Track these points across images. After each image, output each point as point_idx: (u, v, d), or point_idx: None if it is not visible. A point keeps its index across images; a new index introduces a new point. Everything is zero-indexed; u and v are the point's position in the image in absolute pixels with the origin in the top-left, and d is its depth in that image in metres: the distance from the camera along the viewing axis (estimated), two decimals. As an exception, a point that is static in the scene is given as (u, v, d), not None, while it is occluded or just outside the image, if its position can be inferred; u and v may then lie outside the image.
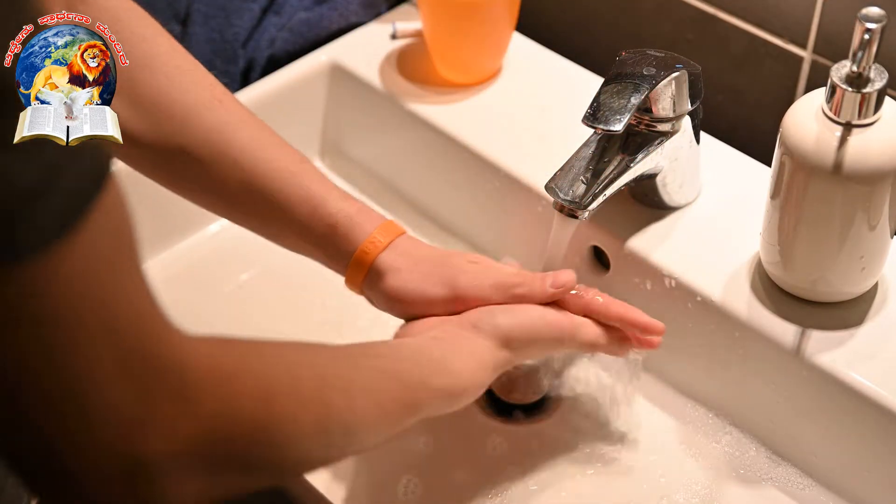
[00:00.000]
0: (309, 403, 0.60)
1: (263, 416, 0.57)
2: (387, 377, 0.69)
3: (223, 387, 0.55)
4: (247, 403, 0.56)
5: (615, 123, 0.81)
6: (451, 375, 0.74)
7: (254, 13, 1.12)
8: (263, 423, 0.57)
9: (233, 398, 0.55)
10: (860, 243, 0.81)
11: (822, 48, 0.95)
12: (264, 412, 0.57)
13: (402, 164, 1.09)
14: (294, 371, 0.61)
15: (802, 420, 0.85)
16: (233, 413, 0.55)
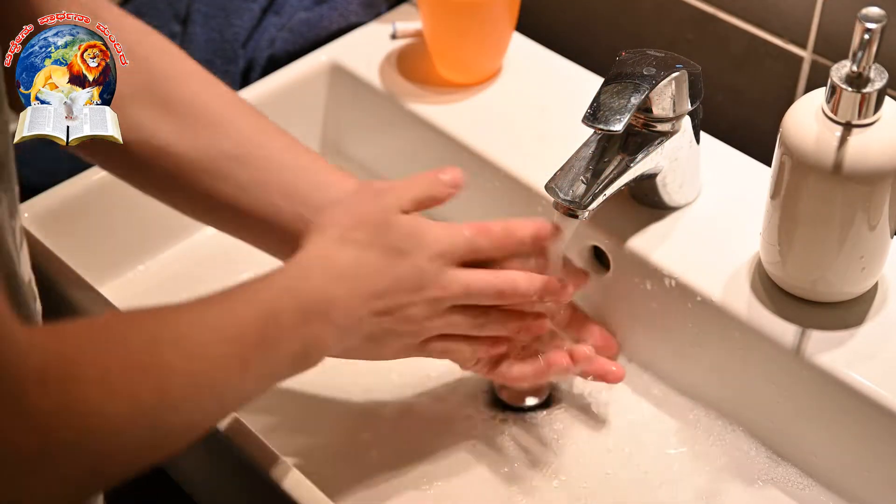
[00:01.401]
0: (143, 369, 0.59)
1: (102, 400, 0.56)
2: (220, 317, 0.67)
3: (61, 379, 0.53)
4: (85, 391, 0.55)
5: (615, 123, 0.81)
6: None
7: (254, 13, 1.12)
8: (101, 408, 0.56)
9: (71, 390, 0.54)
10: (860, 243, 0.81)
11: (822, 48, 0.95)
12: (101, 395, 0.56)
13: (402, 164, 1.09)
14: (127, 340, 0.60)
15: (802, 420, 0.85)
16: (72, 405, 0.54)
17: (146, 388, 0.59)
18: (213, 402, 0.66)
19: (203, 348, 0.64)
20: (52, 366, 0.53)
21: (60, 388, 0.53)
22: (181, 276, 1.03)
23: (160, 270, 1.04)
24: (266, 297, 0.71)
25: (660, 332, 0.92)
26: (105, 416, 0.56)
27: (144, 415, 0.59)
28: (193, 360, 0.63)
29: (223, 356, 0.65)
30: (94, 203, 1.00)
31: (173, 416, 0.62)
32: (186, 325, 0.65)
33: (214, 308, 0.68)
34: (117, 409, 0.57)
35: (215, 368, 0.65)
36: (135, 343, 0.60)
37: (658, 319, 0.91)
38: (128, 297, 0.98)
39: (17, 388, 0.51)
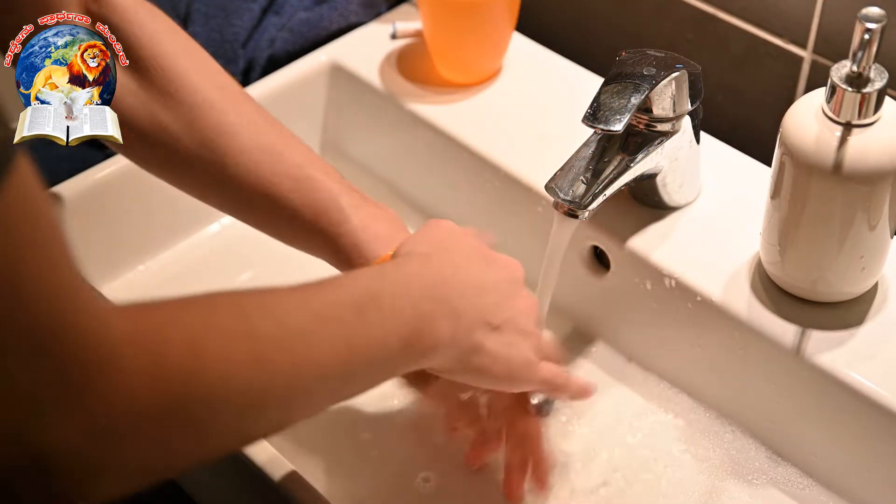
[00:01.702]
0: (236, 336, 0.58)
1: (191, 362, 0.54)
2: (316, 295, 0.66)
3: (148, 342, 0.53)
4: (174, 353, 0.54)
5: (615, 123, 0.81)
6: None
7: (254, 13, 1.12)
8: (192, 373, 0.54)
9: (159, 352, 0.53)
10: (860, 243, 0.81)
11: (822, 48, 0.95)
12: (192, 358, 0.54)
13: (402, 164, 1.09)
14: (218, 311, 0.59)
15: (802, 420, 0.85)
16: (161, 367, 0.53)
17: (239, 352, 0.57)
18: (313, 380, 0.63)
19: (299, 324, 0.62)
20: (140, 332, 0.53)
21: (149, 353, 0.52)
22: (181, 276, 1.03)
23: (160, 270, 1.04)
24: (364, 283, 0.68)
25: (660, 332, 0.92)
26: (197, 378, 0.55)
27: (240, 381, 0.57)
28: (290, 334, 0.61)
29: (321, 334, 0.63)
30: (93, 203, 1.00)
31: (272, 387, 0.59)
32: (279, 301, 0.63)
33: (309, 289, 0.65)
34: (209, 372, 0.55)
35: (313, 345, 0.62)
36: (224, 312, 0.59)
37: (658, 319, 0.91)
38: (128, 297, 0.98)
39: (105, 356, 0.50)
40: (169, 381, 0.53)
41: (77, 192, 0.99)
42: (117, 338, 0.51)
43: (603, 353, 0.95)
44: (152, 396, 0.52)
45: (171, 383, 0.53)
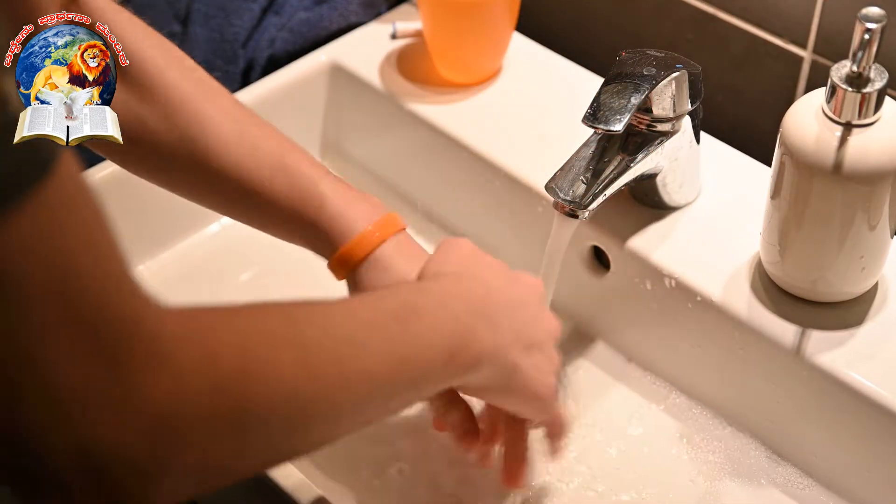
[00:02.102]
0: (285, 345, 0.57)
1: (242, 364, 0.54)
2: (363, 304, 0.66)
3: (200, 341, 0.52)
4: (225, 356, 0.53)
5: (615, 123, 0.81)
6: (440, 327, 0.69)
7: (254, 13, 1.12)
8: (243, 373, 0.54)
9: (210, 354, 0.52)
10: (860, 243, 0.81)
11: (822, 48, 0.95)
12: (243, 361, 0.54)
13: (402, 164, 1.09)
14: (268, 316, 0.58)
15: (802, 420, 0.85)
16: (212, 368, 0.52)
17: (288, 359, 0.57)
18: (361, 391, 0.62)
19: (347, 332, 0.62)
20: (192, 331, 0.52)
21: (200, 353, 0.52)
22: (181, 276, 1.03)
23: (160, 270, 1.04)
24: (403, 296, 0.69)
25: (660, 332, 0.92)
26: (247, 380, 0.54)
27: (287, 385, 0.57)
28: (337, 342, 0.61)
29: (368, 344, 0.63)
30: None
31: (320, 397, 0.59)
32: (327, 309, 0.63)
33: (353, 300, 0.67)
34: (259, 376, 0.55)
35: (361, 355, 0.62)
36: (273, 319, 0.59)
37: (658, 319, 0.91)
38: (128, 297, 0.98)
39: (156, 350, 0.50)
40: (221, 382, 0.53)
41: (77, 192, 0.99)
42: (170, 335, 0.51)
43: (603, 353, 0.95)
44: (205, 396, 0.52)
45: (222, 384, 0.53)
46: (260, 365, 0.55)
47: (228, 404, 0.53)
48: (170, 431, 0.50)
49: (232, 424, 0.54)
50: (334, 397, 0.60)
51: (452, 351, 0.68)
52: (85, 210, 0.49)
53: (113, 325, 0.48)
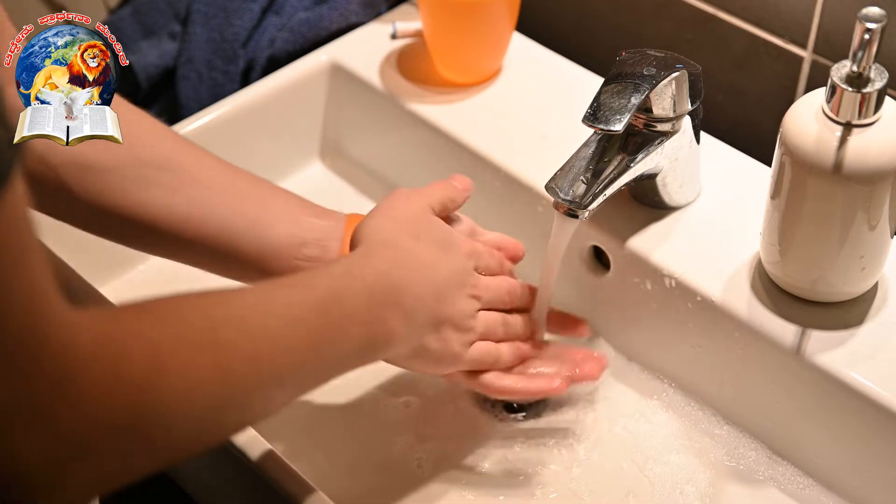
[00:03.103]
0: (200, 348, 0.58)
1: (152, 375, 0.54)
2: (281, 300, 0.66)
3: (109, 357, 0.53)
4: (135, 368, 0.54)
5: (615, 123, 0.81)
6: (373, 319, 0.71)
7: (254, 13, 1.12)
8: (153, 385, 0.54)
9: (119, 366, 0.53)
10: (860, 243, 0.81)
11: (822, 48, 0.95)
12: (152, 372, 0.54)
13: (402, 164, 1.09)
14: (184, 320, 0.59)
15: (802, 420, 0.85)
16: (121, 383, 0.53)
17: (203, 365, 0.58)
18: (274, 383, 0.64)
19: (265, 329, 0.63)
20: (101, 345, 0.53)
21: (110, 368, 0.52)
22: (181, 276, 1.03)
23: (160, 270, 1.03)
24: (328, 283, 0.70)
25: (660, 332, 0.92)
26: (158, 390, 0.55)
27: (201, 390, 0.57)
28: (254, 341, 0.62)
29: (286, 338, 0.64)
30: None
31: (234, 394, 0.60)
32: (245, 306, 0.64)
33: (275, 291, 0.67)
34: (171, 383, 0.55)
35: (278, 351, 0.63)
36: (190, 321, 0.59)
37: (658, 319, 0.91)
38: (128, 297, 0.98)
39: (67, 369, 0.50)
40: (127, 395, 0.53)
41: (77, 192, 0.99)
42: (80, 350, 0.51)
43: (603, 352, 0.95)
44: (111, 410, 0.52)
45: (129, 396, 0.53)
46: (172, 372, 0.56)
47: (136, 417, 0.54)
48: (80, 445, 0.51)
49: (141, 432, 0.55)
50: (246, 394, 0.62)
51: (365, 341, 0.71)
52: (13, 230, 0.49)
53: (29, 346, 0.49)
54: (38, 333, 0.49)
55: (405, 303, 0.74)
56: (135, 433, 0.54)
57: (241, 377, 0.61)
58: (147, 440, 0.55)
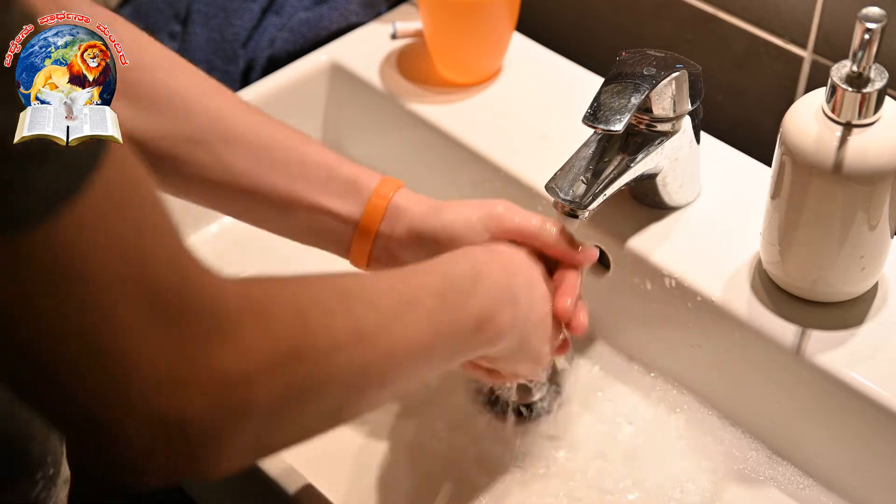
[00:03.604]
0: (337, 315, 0.60)
1: (299, 332, 0.56)
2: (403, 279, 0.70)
3: (258, 316, 0.54)
4: (282, 326, 0.56)
5: (615, 123, 0.81)
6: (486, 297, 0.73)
7: (254, 13, 1.12)
8: (301, 341, 0.56)
9: (268, 324, 0.55)
10: (860, 243, 0.81)
11: (822, 48, 0.95)
12: (300, 329, 0.57)
13: (402, 164, 1.09)
14: (318, 290, 0.61)
15: (803, 420, 0.85)
16: (271, 339, 0.54)
17: (341, 327, 0.60)
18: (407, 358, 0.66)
19: (390, 306, 0.65)
20: (248, 302, 0.54)
21: (260, 323, 0.54)
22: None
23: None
24: (440, 268, 0.73)
25: (660, 331, 0.92)
26: (306, 348, 0.57)
27: (344, 356, 0.59)
28: (382, 314, 0.64)
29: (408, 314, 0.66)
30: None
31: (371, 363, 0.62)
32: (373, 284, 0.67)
33: (394, 275, 0.70)
34: (317, 344, 0.57)
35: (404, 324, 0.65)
36: (323, 290, 0.61)
37: (658, 319, 0.91)
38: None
39: (221, 322, 0.52)
40: (278, 348, 0.55)
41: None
42: (230, 309, 0.53)
43: (603, 353, 0.95)
44: (265, 361, 0.54)
45: (280, 350, 0.55)
46: (317, 332, 0.58)
47: (289, 367, 0.55)
48: (236, 399, 0.52)
49: (293, 388, 0.56)
50: (383, 365, 0.64)
51: (481, 324, 0.73)
52: (142, 192, 0.51)
53: (178, 301, 0.51)
54: (190, 289, 0.51)
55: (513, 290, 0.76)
56: (286, 386, 0.56)
57: (377, 347, 0.62)
58: (297, 396, 0.57)
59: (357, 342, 0.61)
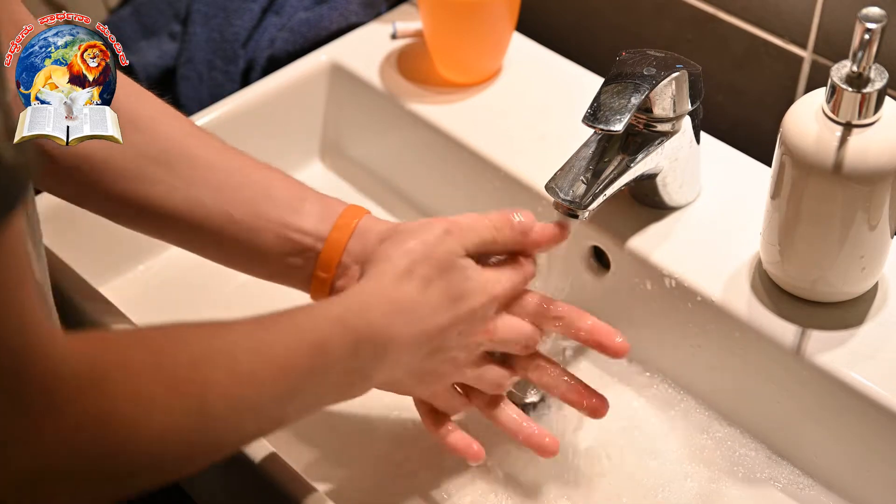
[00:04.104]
0: (183, 386, 0.59)
1: (133, 415, 0.56)
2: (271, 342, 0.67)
3: (93, 393, 0.54)
4: (118, 406, 0.55)
5: (615, 123, 0.81)
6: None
7: (254, 13, 1.12)
8: (133, 424, 0.56)
9: (102, 403, 0.54)
10: (860, 243, 0.81)
11: (822, 48, 0.95)
12: (134, 411, 0.56)
13: (402, 164, 1.09)
14: (168, 355, 0.60)
15: (802, 420, 0.85)
16: (102, 420, 0.54)
17: (184, 405, 0.59)
18: (252, 424, 0.66)
19: (251, 373, 0.64)
20: (85, 378, 0.54)
21: (93, 402, 0.54)
22: (181, 277, 1.03)
23: (160, 270, 1.04)
24: (319, 327, 0.70)
25: (660, 332, 0.92)
26: (137, 431, 0.56)
27: (179, 432, 0.59)
28: (239, 384, 0.63)
29: (270, 382, 0.65)
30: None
31: (209, 435, 0.62)
32: (234, 346, 0.64)
33: (265, 332, 0.67)
34: (151, 424, 0.57)
35: (260, 393, 0.64)
36: (177, 358, 0.60)
37: (658, 319, 0.91)
38: (128, 297, 0.98)
39: (49, 398, 0.51)
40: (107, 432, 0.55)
41: (77, 192, 0.99)
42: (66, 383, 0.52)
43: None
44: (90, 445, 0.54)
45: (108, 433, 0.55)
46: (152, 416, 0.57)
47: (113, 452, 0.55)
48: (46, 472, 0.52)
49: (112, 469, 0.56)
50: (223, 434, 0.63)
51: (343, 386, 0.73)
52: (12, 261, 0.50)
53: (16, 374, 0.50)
54: (28, 363, 0.50)
55: (390, 355, 0.74)
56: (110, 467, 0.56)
57: (220, 419, 0.62)
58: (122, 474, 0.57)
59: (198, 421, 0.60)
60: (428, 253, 0.77)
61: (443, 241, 0.78)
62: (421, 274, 0.76)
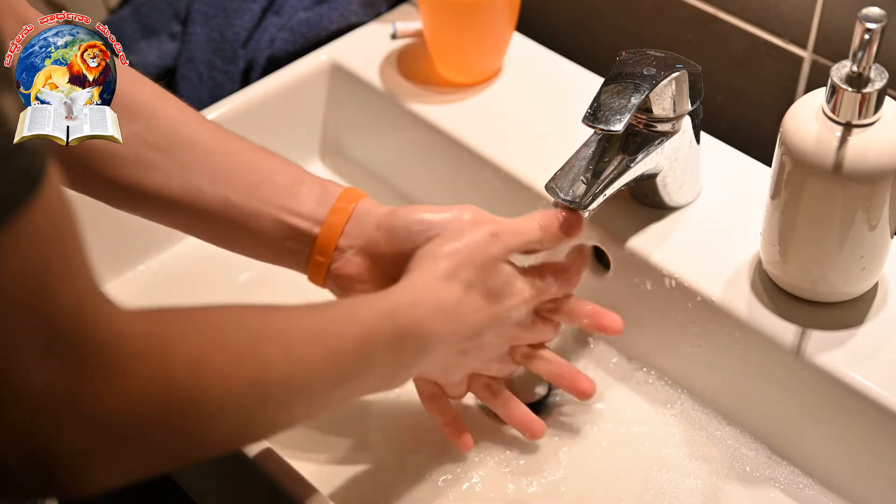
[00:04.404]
0: (241, 359, 0.60)
1: (193, 383, 0.57)
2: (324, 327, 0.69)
3: (156, 355, 0.55)
4: (178, 369, 0.56)
5: (615, 123, 0.81)
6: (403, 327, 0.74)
7: (254, 13, 1.12)
8: (194, 388, 0.57)
9: (165, 366, 0.55)
10: (860, 243, 0.81)
11: (822, 48, 0.95)
12: (195, 376, 0.57)
13: (402, 164, 1.09)
14: (227, 330, 0.61)
15: (803, 420, 0.85)
16: (165, 382, 0.55)
17: (243, 378, 0.60)
18: (302, 406, 0.67)
19: (305, 355, 0.65)
20: (148, 343, 0.55)
21: (155, 366, 0.54)
22: (181, 276, 1.03)
23: (160, 270, 1.04)
24: (370, 318, 0.72)
25: (660, 332, 0.92)
26: (198, 397, 0.57)
27: (237, 403, 0.60)
28: (293, 363, 0.64)
29: (321, 367, 0.67)
30: (94, 203, 0.99)
31: (263, 410, 0.63)
32: (290, 328, 0.66)
33: (320, 317, 0.69)
34: (211, 392, 0.58)
35: (312, 377, 0.66)
36: (235, 334, 0.61)
37: (658, 319, 0.91)
38: (128, 297, 0.98)
39: (114, 363, 0.52)
40: (169, 395, 0.55)
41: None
42: (127, 346, 0.53)
43: (603, 353, 0.95)
44: (152, 406, 0.55)
45: (170, 397, 0.56)
46: (212, 381, 0.58)
47: (174, 417, 0.56)
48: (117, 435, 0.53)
49: (174, 434, 0.57)
50: (277, 410, 0.65)
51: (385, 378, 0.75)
52: (63, 228, 0.51)
53: (74, 336, 0.51)
54: (89, 326, 0.51)
55: (430, 350, 0.77)
56: (171, 431, 0.57)
57: (274, 396, 0.63)
58: (180, 440, 0.58)
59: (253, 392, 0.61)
60: (472, 256, 0.79)
61: (487, 245, 0.80)
62: (464, 277, 0.78)
